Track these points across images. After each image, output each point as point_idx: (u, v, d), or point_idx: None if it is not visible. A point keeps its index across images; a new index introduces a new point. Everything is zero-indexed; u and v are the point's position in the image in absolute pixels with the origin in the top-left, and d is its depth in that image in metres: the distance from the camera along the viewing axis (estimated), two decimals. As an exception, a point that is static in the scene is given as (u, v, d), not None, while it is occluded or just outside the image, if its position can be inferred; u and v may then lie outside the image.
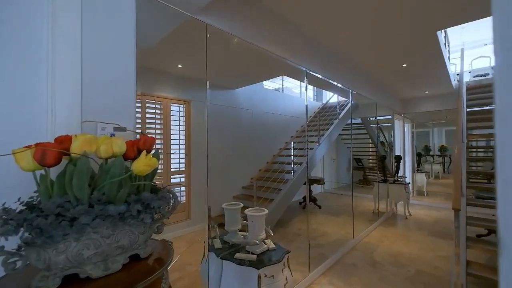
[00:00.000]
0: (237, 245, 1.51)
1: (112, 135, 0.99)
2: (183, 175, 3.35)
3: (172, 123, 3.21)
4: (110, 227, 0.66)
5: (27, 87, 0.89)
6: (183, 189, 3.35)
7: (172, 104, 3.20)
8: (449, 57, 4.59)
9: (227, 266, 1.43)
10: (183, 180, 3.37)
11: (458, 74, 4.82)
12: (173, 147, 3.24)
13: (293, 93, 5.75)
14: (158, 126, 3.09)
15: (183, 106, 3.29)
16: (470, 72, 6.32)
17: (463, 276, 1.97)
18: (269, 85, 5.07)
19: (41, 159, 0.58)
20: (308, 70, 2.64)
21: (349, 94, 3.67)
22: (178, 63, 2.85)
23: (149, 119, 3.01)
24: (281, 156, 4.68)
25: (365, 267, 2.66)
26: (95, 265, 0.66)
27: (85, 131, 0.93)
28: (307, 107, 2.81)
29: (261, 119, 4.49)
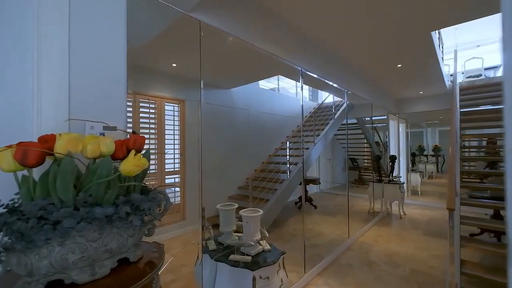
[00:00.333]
0: (232, 247, 1.48)
1: (101, 135, 0.96)
2: (178, 175, 3.31)
3: (166, 123, 3.17)
4: (97, 230, 0.63)
5: (12, 85, 0.86)
6: (177, 189, 3.31)
7: (166, 103, 3.16)
8: (442, 58, 4.64)
9: (221, 268, 1.41)
10: (177, 180, 3.33)
11: (451, 75, 4.88)
12: (167, 147, 3.20)
13: (289, 93, 5.75)
14: (152, 126, 3.04)
15: (177, 105, 3.25)
16: (463, 73, 6.40)
17: (457, 275, 1.98)
18: (265, 85, 5.06)
19: (22, 159, 0.55)
20: (303, 69, 2.62)
21: (344, 94, 3.68)
22: (172, 62, 2.81)
23: (143, 119, 2.97)
24: (276, 156, 4.67)
25: (360, 267, 2.66)
26: (81, 270, 0.63)
27: (73, 130, 0.89)
28: (302, 107, 2.80)
29: (257, 119, 4.47)
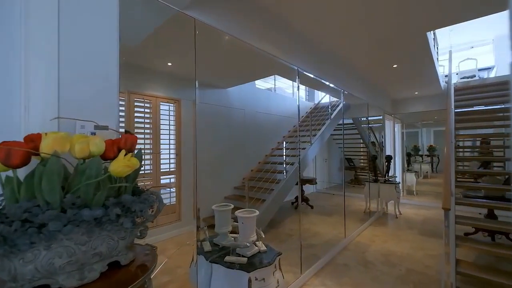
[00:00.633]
0: (227, 248, 1.46)
1: (92, 134, 0.93)
2: (173, 175, 3.28)
3: (161, 123, 3.13)
4: (85, 233, 0.61)
5: (-2, 81, 0.83)
6: (173, 190, 3.28)
7: (161, 103, 3.12)
8: (437, 58, 4.67)
9: (216, 269, 1.39)
10: (173, 180, 3.29)
11: (446, 75, 4.92)
12: (162, 147, 3.16)
13: (286, 93, 5.74)
14: (147, 125, 3.01)
15: (173, 105, 3.21)
16: (457, 74, 6.47)
17: (452, 275, 1.99)
18: (261, 84, 5.04)
19: (6, 159, 0.53)
20: (300, 69, 2.62)
21: (341, 94, 3.68)
22: (167, 61, 2.78)
23: (138, 118, 2.93)
24: (273, 156, 4.65)
25: (357, 267, 2.66)
26: (68, 275, 0.60)
27: (63, 130, 0.87)
28: (299, 107, 2.79)
29: (253, 119, 4.45)
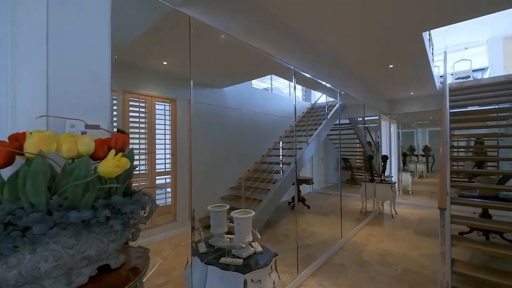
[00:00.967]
0: (223, 249, 1.44)
1: (83, 133, 0.91)
2: (169, 175, 3.24)
3: (157, 122, 3.09)
4: (73, 236, 0.58)
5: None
6: (168, 190, 3.25)
7: (157, 102, 3.09)
8: (433, 59, 4.71)
9: (211, 271, 1.37)
10: (169, 181, 3.26)
11: (441, 76, 4.96)
12: (158, 147, 3.13)
13: (282, 93, 5.74)
14: (142, 125, 2.97)
15: (168, 104, 3.18)
16: (452, 74, 6.54)
17: (448, 274, 2.00)
18: (258, 84, 5.03)
19: (-13, 160, 0.50)
20: (296, 68, 2.61)
21: (337, 94, 3.68)
22: (163, 60, 2.74)
23: (133, 118, 2.89)
24: (270, 156, 4.64)
25: (353, 267, 2.66)
26: (55, 280, 0.58)
27: (52, 129, 0.84)
28: (295, 106, 2.78)
29: (249, 119, 4.43)
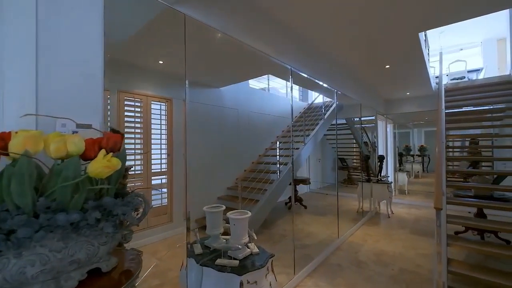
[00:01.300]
0: (219, 250, 1.43)
1: (74, 133, 0.88)
2: (165, 176, 3.21)
3: (153, 122, 3.06)
4: (61, 239, 0.56)
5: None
6: (164, 190, 3.22)
7: (153, 102, 3.06)
8: (429, 59, 4.74)
9: (207, 273, 1.35)
10: (164, 181, 3.23)
11: (437, 76, 5.00)
12: (154, 147, 3.10)
13: (279, 93, 5.73)
14: (138, 125, 2.94)
15: (164, 104, 3.15)
16: (447, 75, 6.60)
17: (444, 274, 2.00)
18: (255, 84, 5.01)
19: (-30, 160, 0.48)
20: (293, 68, 2.60)
21: (334, 94, 3.68)
22: (159, 59, 2.72)
23: (128, 118, 2.85)
24: (266, 156, 4.63)
25: (350, 267, 2.66)
26: (43, 284, 0.56)
27: (42, 129, 0.82)
28: (292, 107, 2.77)
29: (246, 119, 4.42)
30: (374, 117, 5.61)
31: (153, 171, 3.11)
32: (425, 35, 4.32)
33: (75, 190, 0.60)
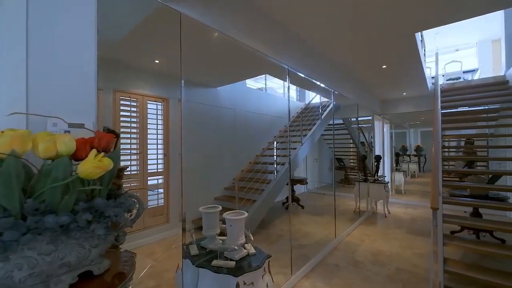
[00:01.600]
0: (215, 251, 1.41)
1: (66, 133, 0.87)
2: (161, 176, 3.19)
3: (149, 122, 3.04)
4: (50, 242, 0.55)
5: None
6: (161, 191, 3.19)
7: (149, 101, 3.03)
8: (425, 60, 4.77)
9: (203, 274, 1.33)
10: (161, 182, 3.20)
11: (433, 77, 5.03)
12: (150, 147, 3.07)
13: (277, 93, 5.72)
14: (133, 125, 2.91)
15: (161, 104, 3.13)
16: (443, 75, 6.65)
17: (440, 273, 2.01)
18: (252, 84, 5.00)
19: (-47, 160, 0.46)
20: (290, 68, 2.59)
21: (331, 94, 3.69)
22: (155, 59, 2.69)
23: (124, 117, 2.83)
24: (264, 156, 4.62)
25: (347, 267, 2.66)
26: (31, 289, 0.54)
27: (33, 128, 0.80)
28: (289, 106, 2.76)
29: (243, 119, 4.40)
30: (371, 117, 5.63)
31: (149, 171, 3.08)
32: (422, 35, 4.34)
33: (65, 191, 0.58)
